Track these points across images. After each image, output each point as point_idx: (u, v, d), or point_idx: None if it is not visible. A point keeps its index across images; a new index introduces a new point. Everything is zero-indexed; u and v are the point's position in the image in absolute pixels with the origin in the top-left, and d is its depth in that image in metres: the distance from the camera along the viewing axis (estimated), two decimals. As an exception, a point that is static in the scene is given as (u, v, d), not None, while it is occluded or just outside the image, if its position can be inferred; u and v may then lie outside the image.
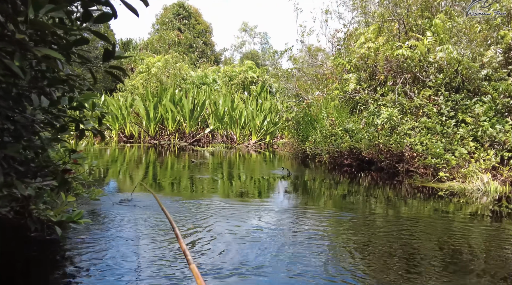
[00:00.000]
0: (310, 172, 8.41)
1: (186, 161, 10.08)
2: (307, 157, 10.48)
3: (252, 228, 3.59)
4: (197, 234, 3.36)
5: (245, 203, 4.72)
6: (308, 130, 10.41)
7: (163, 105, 16.03)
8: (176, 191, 5.52)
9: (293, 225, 3.78)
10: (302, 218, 4.12)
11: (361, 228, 3.76)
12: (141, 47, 32.78)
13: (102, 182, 6.10)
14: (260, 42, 53.90)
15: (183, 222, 3.73)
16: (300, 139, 10.64)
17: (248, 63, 21.17)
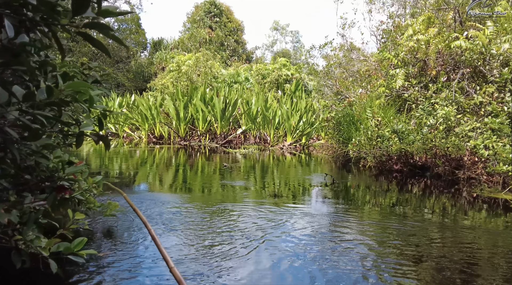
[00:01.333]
0: (353, 178, 7.65)
1: (218, 164, 9.52)
2: (349, 160, 9.69)
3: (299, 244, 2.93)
4: (232, 247, 2.73)
5: (286, 216, 4.05)
6: (350, 131, 9.63)
7: (193, 105, 15.60)
8: (206, 198, 4.92)
9: (352, 251, 3.08)
10: (361, 244, 3.42)
11: (418, 240, 3.02)
12: (172, 47, 32.78)
13: (128, 186, 5.60)
14: (291, 41, 53.15)
15: (217, 231, 3.11)
16: (341, 141, 9.87)
17: (282, 60, 20.48)
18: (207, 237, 3.27)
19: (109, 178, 6.66)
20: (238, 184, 6.17)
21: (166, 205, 4.55)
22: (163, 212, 4.17)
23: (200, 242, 3.13)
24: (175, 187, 5.98)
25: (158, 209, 4.32)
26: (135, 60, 32.71)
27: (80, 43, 28.74)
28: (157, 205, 4.51)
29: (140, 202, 4.64)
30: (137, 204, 4.46)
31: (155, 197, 5.05)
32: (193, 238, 3.22)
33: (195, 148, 14.14)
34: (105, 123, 6.44)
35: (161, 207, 4.42)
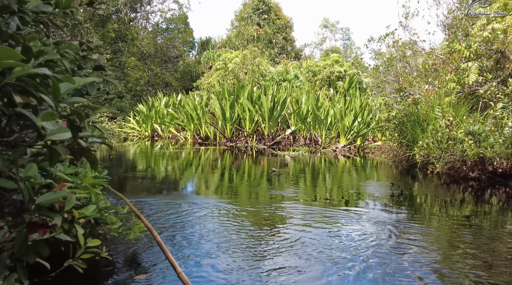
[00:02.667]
0: (421, 186, 6.75)
1: (265, 167, 8.92)
2: (413, 166, 8.74)
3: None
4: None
5: (353, 247, 3.35)
6: (415, 132, 8.68)
7: (240, 104, 15.12)
8: (252, 212, 4.32)
9: None
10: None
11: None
12: (220, 45, 32.69)
13: (171, 191, 5.11)
14: (341, 38, 51.72)
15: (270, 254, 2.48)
16: (405, 143, 8.93)
17: (334, 56, 19.55)
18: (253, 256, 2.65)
19: (153, 181, 6.25)
20: (288, 194, 5.52)
21: (209, 213, 4.29)
22: (205, 220, 3.88)
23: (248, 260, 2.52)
24: (218, 193, 5.43)
25: (199, 213, 4.21)
26: (182, 60, 32.93)
27: (129, 43, 29.27)
28: (200, 211, 4.31)
29: (179, 206, 4.37)
30: (180, 209, 4.04)
31: (198, 202, 4.82)
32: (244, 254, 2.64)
33: (242, 150, 13.65)
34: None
35: (203, 214, 4.18)
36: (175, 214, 4.19)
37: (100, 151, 12.44)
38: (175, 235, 3.37)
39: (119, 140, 17.87)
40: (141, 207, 4.49)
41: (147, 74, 29.53)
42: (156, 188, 6.08)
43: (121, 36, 29.54)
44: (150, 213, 4.17)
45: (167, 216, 4.09)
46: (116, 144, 15.73)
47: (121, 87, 26.93)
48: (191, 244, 3.16)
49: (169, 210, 4.35)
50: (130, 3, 31.98)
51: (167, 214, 4.15)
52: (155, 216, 4.07)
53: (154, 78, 30.03)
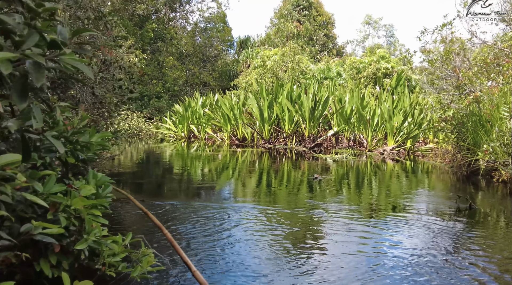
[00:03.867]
0: (489, 197, 5.89)
1: (306, 172, 8.28)
2: (475, 172, 7.82)
3: None
4: None
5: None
6: (477, 134, 7.76)
7: (278, 104, 14.52)
8: (292, 217, 3.73)
9: None
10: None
11: None
12: (259, 44, 32.24)
13: (206, 195, 4.59)
14: (385, 35, 49.92)
15: None
16: (465, 146, 8.02)
17: (380, 51, 18.54)
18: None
19: (189, 184, 5.79)
20: (332, 207, 4.86)
21: (245, 220, 4.14)
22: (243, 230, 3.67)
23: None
24: (255, 200, 4.86)
25: (234, 220, 4.13)
26: (221, 59, 32.74)
27: (167, 42, 29.37)
28: (236, 218, 4.20)
29: (214, 210, 4.28)
30: (215, 214, 3.64)
31: (235, 208, 4.66)
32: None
33: (281, 152, 13.05)
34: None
35: (238, 222, 4.04)
36: (210, 219, 4.13)
37: (134, 152, 12.24)
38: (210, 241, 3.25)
39: (155, 141, 17.75)
40: (175, 210, 4.49)
41: (185, 73, 29.53)
42: (192, 191, 5.63)
43: (160, 36, 29.73)
44: (184, 217, 4.12)
45: (203, 220, 4.06)
46: (152, 145, 15.57)
47: (159, 87, 27.04)
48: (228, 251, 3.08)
49: (206, 214, 4.33)
50: (169, 2, 32.15)
51: (203, 219, 4.12)
52: (192, 219, 4.07)
53: (192, 77, 30.00)
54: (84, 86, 4.98)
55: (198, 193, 5.63)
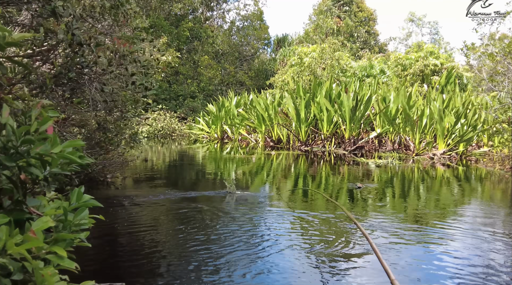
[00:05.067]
0: None
1: (346, 178, 7.48)
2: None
3: None
4: None
5: None
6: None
7: (316, 103, 13.71)
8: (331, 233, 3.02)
9: None
10: None
11: None
12: (297, 42, 31.45)
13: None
14: (429, 33, 47.64)
15: None
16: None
17: (428, 47, 17.30)
18: None
19: (219, 189, 5.16)
20: (374, 223, 4.07)
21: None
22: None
23: None
24: (291, 208, 4.16)
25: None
26: (257, 57, 32.20)
27: (203, 41, 29.11)
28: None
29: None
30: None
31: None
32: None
33: (318, 155, 12.26)
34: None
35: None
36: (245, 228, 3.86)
37: (166, 153, 11.80)
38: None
39: (188, 142, 17.39)
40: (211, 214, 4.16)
41: (220, 73, 29.17)
42: (221, 198, 5.01)
43: (196, 35, 29.54)
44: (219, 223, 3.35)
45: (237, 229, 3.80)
46: (185, 146, 15.19)
47: (194, 86, 26.79)
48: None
49: (242, 223, 4.09)
50: (206, 1, 31.96)
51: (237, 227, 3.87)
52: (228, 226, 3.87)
53: (228, 77, 29.61)
54: (92, 82, 4.47)
55: (228, 201, 5.01)
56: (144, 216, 4.29)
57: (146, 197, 5.12)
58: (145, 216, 4.32)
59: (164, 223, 4.10)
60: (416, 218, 4.46)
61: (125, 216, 4.24)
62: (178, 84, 26.85)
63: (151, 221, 4.15)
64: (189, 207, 4.64)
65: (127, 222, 4.01)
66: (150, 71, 4.67)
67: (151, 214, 4.41)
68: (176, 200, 5.04)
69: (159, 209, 4.65)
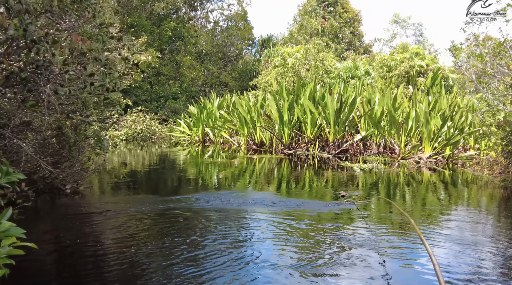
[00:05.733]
0: None
1: (330, 186, 7.14)
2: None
3: None
4: None
5: None
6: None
7: (300, 105, 13.37)
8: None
9: None
10: None
11: None
12: (282, 43, 31.15)
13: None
14: (413, 34, 47.86)
15: None
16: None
17: (414, 48, 17.13)
18: None
19: (196, 196, 4.71)
20: (357, 242, 3.71)
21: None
22: None
23: None
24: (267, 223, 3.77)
25: None
26: (241, 58, 31.81)
27: (185, 40, 28.58)
28: None
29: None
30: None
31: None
32: None
33: (302, 159, 11.92)
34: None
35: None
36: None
37: (146, 156, 11.30)
38: None
39: (169, 144, 16.90)
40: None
41: (203, 73, 28.66)
42: (197, 208, 4.57)
43: (179, 35, 28.98)
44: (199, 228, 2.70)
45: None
46: (165, 149, 14.71)
47: (176, 87, 26.23)
48: None
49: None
50: (189, 1, 31.45)
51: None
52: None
53: (211, 78, 29.11)
54: (49, 83, 4.01)
55: (202, 208, 4.58)
56: (104, 229, 3.86)
57: (112, 208, 4.68)
58: (105, 229, 3.89)
59: (126, 239, 3.67)
60: (402, 225, 4.11)
61: (85, 230, 3.81)
62: (159, 85, 26.28)
63: (108, 235, 3.72)
64: (164, 213, 4.22)
65: (84, 237, 3.57)
66: (112, 71, 4.24)
67: (113, 226, 3.98)
68: (148, 211, 4.60)
69: (127, 220, 4.21)
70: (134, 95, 23.91)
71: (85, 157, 5.18)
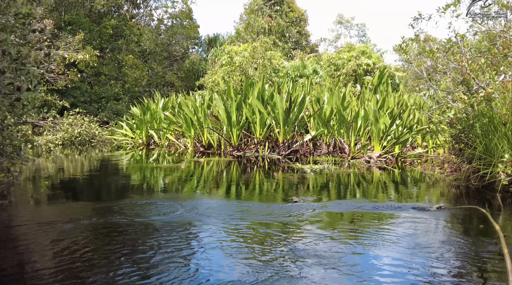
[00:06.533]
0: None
1: (280, 190, 6.75)
2: (489, 187, 6.48)
3: None
4: None
5: None
6: (490, 140, 6.43)
7: (248, 105, 12.96)
8: None
9: None
10: None
11: None
12: (229, 42, 30.69)
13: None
14: (357, 35, 49.17)
15: None
16: (477, 155, 6.67)
17: (361, 46, 17.25)
18: None
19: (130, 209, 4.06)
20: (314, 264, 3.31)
21: None
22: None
23: None
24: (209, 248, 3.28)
25: None
26: (188, 57, 30.99)
27: (127, 38, 27.37)
28: None
29: None
30: None
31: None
32: None
33: (251, 160, 11.52)
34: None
35: None
36: None
37: (85, 162, 10.37)
38: None
39: (111, 148, 15.91)
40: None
41: (147, 73, 27.55)
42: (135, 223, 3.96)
43: (120, 33, 27.69)
44: None
45: None
46: (106, 154, 13.79)
47: (118, 88, 25.01)
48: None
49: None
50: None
51: None
52: None
53: (156, 77, 28.06)
54: None
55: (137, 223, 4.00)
56: (32, 245, 3.20)
57: (40, 220, 3.99)
58: (34, 244, 3.22)
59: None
60: (355, 227, 3.76)
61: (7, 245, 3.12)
62: (100, 86, 24.95)
63: (37, 252, 3.07)
64: (98, 224, 3.60)
65: (7, 257, 2.90)
66: (26, 68, 3.57)
67: (41, 242, 3.32)
68: (84, 223, 3.95)
69: (60, 233, 3.55)
70: (72, 97, 22.53)
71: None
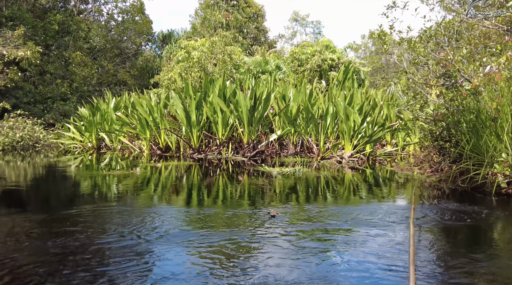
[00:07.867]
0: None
1: (250, 199, 5.96)
2: (479, 188, 5.99)
3: None
4: None
5: None
6: (479, 137, 5.94)
7: (209, 103, 12.09)
8: None
9: None
10: None
11: None
12: (185, 38, 29.55)
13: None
14: (312, 32, 49.29)
15: None
16: (466, 154, 6.16)
17: (324, 40, 16.76)
18: None
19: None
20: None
21: None
22: None
23: None
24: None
25: None
26: (141, 54, 29.59)
27: (74, 35, 25.67)
28: None
29: None
30: None
31: None
32: None
33: (214, 163, 10.67)
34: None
35: None
36: None
37: (26, 170, 9.12)
38: None
39: (58, 153, 14.55)
40: None
41: (97, 71, 25.94)
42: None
43: (67, 30, 25.92)
44: None
45: None
46: (52, 159, 12.49)
47: (65, 87, 23.33)
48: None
49: None
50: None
51: None
52: None
53: (106, 76, 26.50)
54: None
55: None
56: None
57: None
58: None
59: None
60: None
61: None
62: (45, 85, 23.18)
63: None
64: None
65: None
66: None
67: None
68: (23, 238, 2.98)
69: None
70: (14, 97, 20.73)
71: None
